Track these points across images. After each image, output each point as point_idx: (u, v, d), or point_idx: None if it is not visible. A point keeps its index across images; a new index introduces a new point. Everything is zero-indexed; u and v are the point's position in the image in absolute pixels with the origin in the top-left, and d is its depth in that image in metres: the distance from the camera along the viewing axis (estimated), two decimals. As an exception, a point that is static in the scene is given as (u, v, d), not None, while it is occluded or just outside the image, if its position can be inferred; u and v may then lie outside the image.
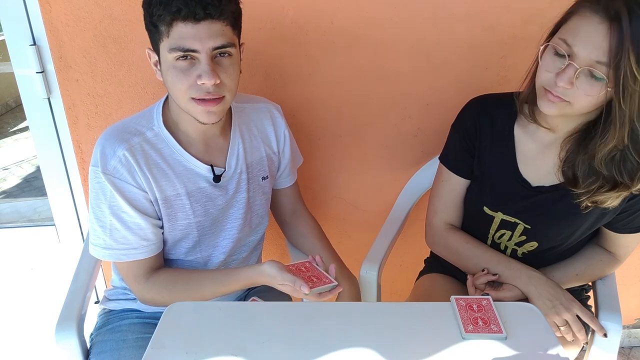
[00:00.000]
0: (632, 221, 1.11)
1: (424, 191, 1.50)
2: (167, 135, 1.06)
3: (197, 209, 1.10)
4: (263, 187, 1.21)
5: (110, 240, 1.04)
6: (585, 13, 0.91)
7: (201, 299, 1.09)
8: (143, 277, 1.08)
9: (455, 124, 1.22)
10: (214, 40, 0.93)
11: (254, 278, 1.05)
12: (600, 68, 0.90)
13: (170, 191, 1.07)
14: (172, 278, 1.10)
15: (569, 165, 1.07)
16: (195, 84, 0.96)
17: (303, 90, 1.46)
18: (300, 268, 1.07)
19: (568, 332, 1.07)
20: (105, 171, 1.00)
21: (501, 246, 1.21)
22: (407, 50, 1.40)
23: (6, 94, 5.63)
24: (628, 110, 0.91)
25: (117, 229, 1.03)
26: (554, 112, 0.99)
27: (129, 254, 1.05)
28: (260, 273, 1.03)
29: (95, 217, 1.04)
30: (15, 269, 1.70)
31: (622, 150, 0.98)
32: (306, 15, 1.36)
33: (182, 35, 0.92)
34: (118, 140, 1.02)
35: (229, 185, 1.14)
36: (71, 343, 1.12)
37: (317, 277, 1.05)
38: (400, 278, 1.68)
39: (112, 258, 1.06)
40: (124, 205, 1.02)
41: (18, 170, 4.13)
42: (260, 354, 0.86)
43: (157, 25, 0.94)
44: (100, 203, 1.02)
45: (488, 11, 1.36)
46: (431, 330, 0.92)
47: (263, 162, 1.20)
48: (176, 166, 1.07)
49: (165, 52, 0.95)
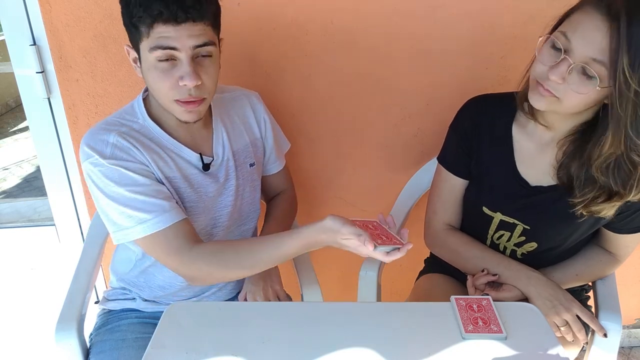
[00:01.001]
0: (631, 222, 1.11)
1: (423, 191, 1.50)
2: (153, 126, 1.06)
3: (191, 194, 1.09)
4: (251, 174, 1.21)
5: (141, 214, 0.98)
6: (588, 9, 0.91)
7: (253, 267, 1.02)
8: (185, 246, 1.00)
9: (453, 125, 1.22)
10: (194, 39, 0.93)
11: (315, 236, 0.93)
12: (595, 66, 0.90)
13: (168, 172, 1.05)
14: (219, 246, 1.04)
15: (564, 171, 1.07)
16: (177, 85, 0.96)
17: (303, 90, 1.46)
18: (368, 225, 0.95)
19: (568, 333, 1.07)
20: (104, 156, 0.98)
21: (500, 247, 1.21)
22: (407, 50, 1.40)
23: (6, 94, 5.63)
24: (623, 114, 0.91)
25: (142, 200, 0.98)
26: (543, 106, 0.99)
27: (164, 218, 0.99)
28: (321, 229, 0.92)
29: (115, 201, 0.99)
30: (15, 269, 1.70)
31: (616, 157, 0.98)
32: (306, 15, 1.36)
33: (162, 35, 0.92)
34: (105, 131, 1.01)
35: (218, 173, 1.14)
36: (71, 343, 1.13)
37: (386, 236, 0.93)
38: (400, 278, 1.68)
39: (153, 229, 0.99)
40: (137, 177, 0.99)
41: (18, 170, 4.13)
42: (260, 354, 0.86)
43: (138, 26, 0.94)
44: (113, 187, 0.98)
45: (488, 11, 1.36)
46: (431, 330, 0.92)
47: (248, 149, 1.20)
48: (169, 152, 1.06)
49: (146, 51, 0.95)
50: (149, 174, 1.02)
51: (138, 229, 0.99)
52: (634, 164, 0.97)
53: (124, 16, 0.97)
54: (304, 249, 0.96)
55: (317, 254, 1.70)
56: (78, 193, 1.55)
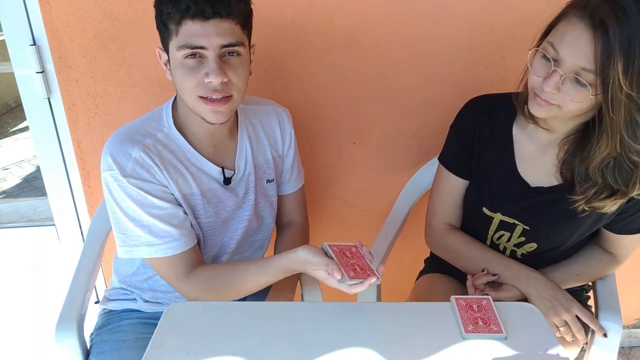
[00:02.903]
0: (631, 222, 1.11)
1: (423, 191, 1.50)
2: (178, 136, 1.06)
3: (208, 210, 1.10)
4: (267, 189, 1.21)
5: (151, 237, 1.02)
6: (572, 19, 0.90)
7: (242, 292, 1.06)
8: (184, 275, 1.05)
9: (454, 125, 1.22)
10: (222, 38, 0.94)
11: (289, 265, 0.98)
12: (586, 75, 0.90)
13: (186, 190, 1.06)
14: (211, 274, 1.06)
15: (567, 167, 1.07)
16: (203, 81, 0.96)
17: (303, 90, 1.46)
18: (345, 252, 0.95)
19: (567, 333, 1.07)
20: (125, 174, 0.99)
21: (500, 247, 1.21)
22: (407, 50, 1.40)
23: (6, 94, 5.63)
24: (616, 118, 0.91)
25: (155, 224, 1.01)
26: (543, 115, 1.00)
27: (173, 246, 1.03)
28: (294, 259, 0.97)
29: (129, 218, 1.01)
30: (15, 269, 1.70)
31: (615, 158, 0.98)
32: (306, 15, 1.36)
33: (190, 33, 0.93)
34: (130, 143, 1.01)
35: (238, 187, 1.14)
36: (71, 343, 1.13)
37: (361, 267, 0.92)
38: (400, 278, 1.68)
39: (159, 254, 1.02)
40: (155, 200, 1.01)
41: (18, 170, 4.13)
42: (260, 354, 0.86)
43: (167, 24, 0.95)
44: (130, 204, 1.00)
45: (488, 11, 1.36)
46: (431, 330, 0.92)
47: (269, 163, 1.20)
48: (190, 166, 1.07)
49: (174, 50, 0.95)
50: (167, 196, 1.03)
51: (144, 250, 1.03)
52: (634, 163, 0.97)
53: (156, 17, 0.97)
54: (281, 276, 1.02)
55: (317, 254, 1.70)
56: (78, 193, 1.55)
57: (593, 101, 0.93)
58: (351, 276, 0.89)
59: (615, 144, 0.94)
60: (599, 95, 0.91)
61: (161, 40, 1.00)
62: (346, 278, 0.89)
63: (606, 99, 0.89)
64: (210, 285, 1.05)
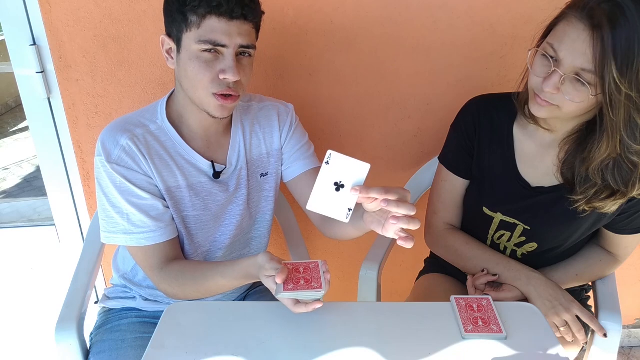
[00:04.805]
0: (632, 222, 1.11)
1: (423, 191, 1.50)
2: (170, 128, 1.07)
3: (196, 203, 1.10)
4: (261, 183, 1.20)
5: (129, 225, 1.03)
6: (572, 19, 0.91)
7: (207, 292, 1.05)
8: (157, 267, 1.06)
9: (454, 124, 1.22)
10: (242, 38, 0.96)
11: (249, 270, 0.95)
12: (586, 75, 0.90)
13: (171, 182, 1.07)
14: (182, 269, 1.06)
15: (568, 167, 1.07)
16: (217, 78, 0.97)
17: (303, 90, 1.46)
18: (297, 268, 0.93)
19: (568, 333, 1.07)
20: (110, 160, 1.01)
21: (500, 247, 1.21)
22: (407, 50, 1.40)
23: (6, 94, 5.64)
24: (616, 119, 0.91)
25: (134, 213, 1.03)
26: (544, 115, 1.00)
27: (149, 237, 1.04)
28: (253, 264, 0.93)
29: (110, 204, 1.03)
30: (15, 269, 1.70)
31: (615, 158, 0.98)
32: (306, 15, 1.36)
33: (213, 29, 0.94)
34: (121, 131, 1.03)
35: (229, 182, 1.14)
36: (71, 343, 1.12)
37: (307, 279, 0.91)
38: (400, 278, 1.68)
39: (133, 242, 1.04)
40: (136, 190, 1.02)
41: (18, 170, 4.13)
42: (260, 354, 0.86)
43: (187, 15, 0.95)
44: (112, 191, 1.02)
45: (488, 11, 1.36)
46: (431, 330, 0.92)
47: (263, 158, 1.19)
48: (178, 159, 1.08)
49: (192, 42, 0.96)
50: (150, 187, 1.04)
51: (121, 238, 1.05)
52: (634, 164, 0.97)
53: (171, 4, 0.97)
54: (244, 281, 0.99)
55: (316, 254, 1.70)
56: (78, 193, 1.55)
57: (593, 101, 0.93)
58: (290, 288, 0.87)
59: (615, 144, 0.95)
60: (599, 95, 0.91)
61: (170, 27, 1.00)
62: (280, 289, 0.87)
63: (606, 99, 0.90)
64: (178, 280, 1.05)
